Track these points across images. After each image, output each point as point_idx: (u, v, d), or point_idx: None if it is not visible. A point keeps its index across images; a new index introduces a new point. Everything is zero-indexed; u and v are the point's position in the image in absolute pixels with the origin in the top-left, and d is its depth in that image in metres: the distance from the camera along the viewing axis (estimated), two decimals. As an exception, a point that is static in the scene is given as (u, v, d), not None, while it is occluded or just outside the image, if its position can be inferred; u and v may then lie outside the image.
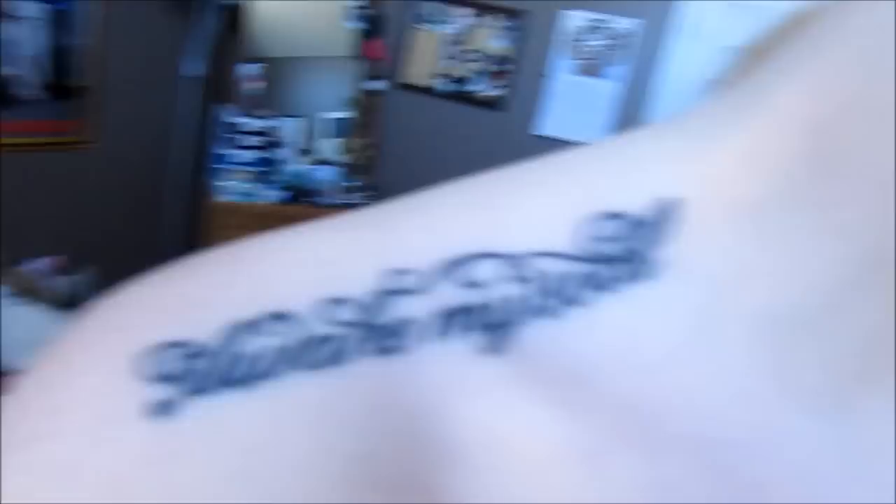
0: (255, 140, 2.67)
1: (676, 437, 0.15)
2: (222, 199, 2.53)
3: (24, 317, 1.88)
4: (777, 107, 0.15)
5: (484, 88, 2.87)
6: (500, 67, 2.84)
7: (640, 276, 0.15)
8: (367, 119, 3.02)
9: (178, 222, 2.79)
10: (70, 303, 2.25)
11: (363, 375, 0.14)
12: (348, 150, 2.99)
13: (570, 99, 2.74)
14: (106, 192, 2.48)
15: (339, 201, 2.74)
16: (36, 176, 2.21)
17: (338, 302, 0.15)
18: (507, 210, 0.16)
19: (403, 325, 0.15)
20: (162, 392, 0.14)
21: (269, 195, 2.64)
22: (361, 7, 2.93)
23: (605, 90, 2.69)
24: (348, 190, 2.83)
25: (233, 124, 2.64)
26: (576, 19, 2.68)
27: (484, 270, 0.15)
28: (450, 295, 0.15)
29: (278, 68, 2.95)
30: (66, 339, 0.15)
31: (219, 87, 2.79)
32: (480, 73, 2.87)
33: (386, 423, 0.14)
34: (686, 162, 0.16)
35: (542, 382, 0.15)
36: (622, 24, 2.64)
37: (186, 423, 0.14)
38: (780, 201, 0.15)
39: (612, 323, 0.15)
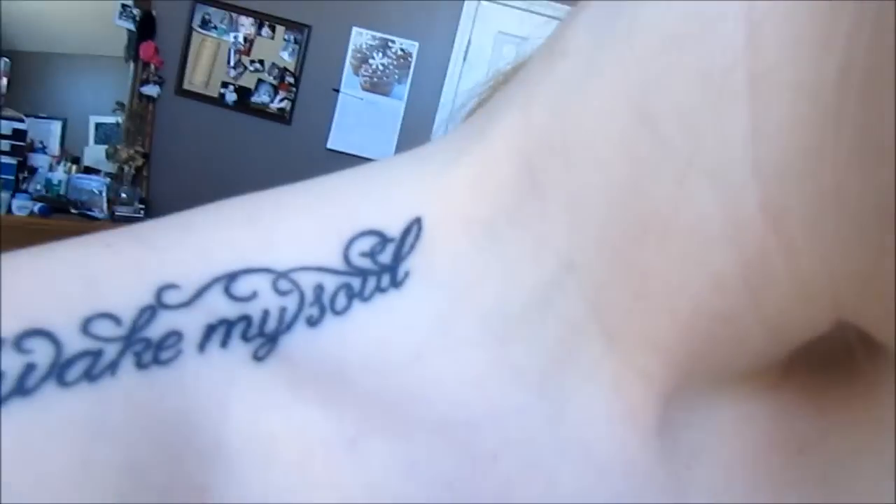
0: (4, 144, 2.35)
1: (423, 421, 0.17)
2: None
3: None
4: (494, 140, 0.18)
5: (268, 100, 2.81)
6: (285, 80, 2.81)
7: (389, 286, 0.17)
8: (138, 125, 2.81)
9: None
10: None
11: (125, 389, 0.15)
12: (117, 159, 2.75)
13: (357, 114, 2.78)
14: None
15: (104, 214, 2.51)
16: None
17: (101, 317, 0.15)
18: (273, 227, 0.17)
19: (171, 338, 0.15)
20: None
21: (21, 206, 2.34)
22: (131, 5, 2.72)
23: (392, 108, 2.77)
24: (115, 202, 2.60)
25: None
26: (362, 37, 2.74)
27: (250, 284, 0.16)
28: (217, 308, 0.16)
29: (32, 64, 2.63)
30: None
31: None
32: (265, 84, 2.81)
33: (152, 433, 0.15)
34: (428, 185, 0.18)
35: (304, 384, 0.16)
36: (405, 44, 2.75)
37: None
38: (497, 219, 0.18)
39: (364, 328, 0.17)
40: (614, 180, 0.16)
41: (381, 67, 2.77)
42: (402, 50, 2.76)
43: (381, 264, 0.17)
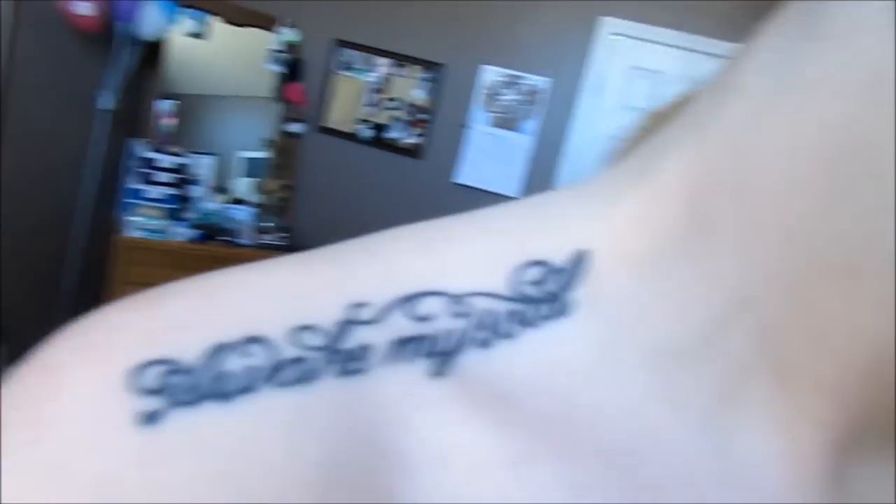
0: (167, 177, 2.61)
1: (588, 447, 0.18)
2: (131, 234, 2.44)
3: None
4: (661, 176, 0.19)
5: (402, 136, 2.94)
6: (418, 116, 2.93)
7: (556, 314, 0.18)
8: (284, 160, 3.02)
9: (87, 255, 2.66)
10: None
11: (328, 393, 0.16)
12: (263, 191, 2.97)
13: (485, 150, 2.85)
14: (10, 220, 2.34)
15: (251, 242, 2.70)
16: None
17: (306, 329, 0.17)
18: (449, 255, 0.19)
19: (362, 351, 0.17)
20: (149, 404, 0.15)
21: (180, 233, 2.58)
22: (283, 51, 2.95)
23: (519, 143, 2.82)
24: (262, 231, 2.80)
25: (146, 159, 2.58)
26: (492, 74, 2.82)
27: (430, 306, 0.18)
28: (401, 326, 0.18)
29: (194, 105, 2.91)
30: (42, 359, 0.16)
31: (133, 122, 2.72)
32: (399, 122, 2.95)
33: (348, 434, 0.16)
34: (593, 220, 0.19)
35: (476, 403, 0.17)
36: (534, 80, 2.79)
37: (170, 431, 0.15)
38: (664, 254, 0.18)
39: (532, 352, 0.18)
40: (792, 218, 0.16)
41: (510, 103, 2.83)
42: (530, 86, 2.81)
43: (548, 293, 0.19)
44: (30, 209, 2.43)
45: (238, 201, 2.94)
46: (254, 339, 0.16)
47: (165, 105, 2.69)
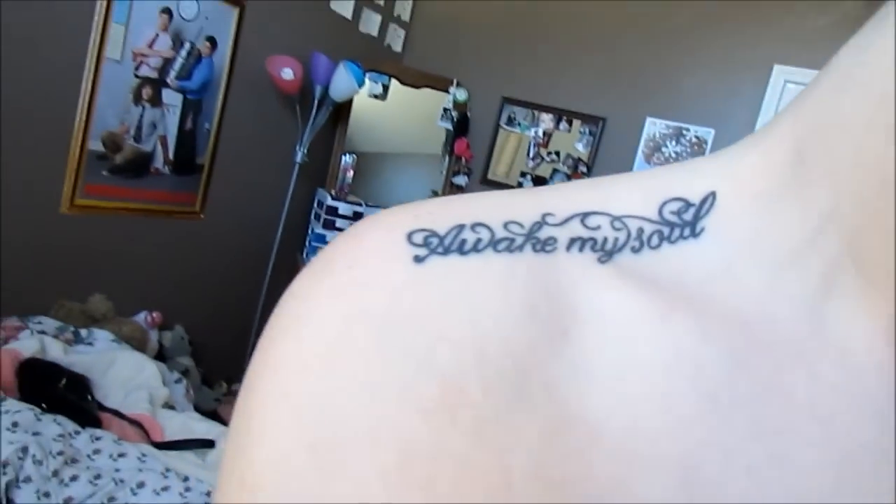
0: (345, 223, 2.88)
1: (714, 312, 0.24)
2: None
3: (125, 360, 2.05)
4: (773, 134, 0.26)
5: (562, 187, 3.00)
6: (579, 169, 2.98)
7: (690, 236, 0.25)
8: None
9: (276, 292, 2.98)
10: (160, 355, 2.42)
11: (527, 259, 0.23)
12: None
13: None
14: (210, 260, 2.70)
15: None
16: (150, 239, 2.48)
17: (513, 223, 0.24)
18: (612, 190, 0.26)
19: (549, 241, 0.24)
20: (419, 251, 0.23)
21: (353, 274, 2.80)
22: (452, 109, 3.17)
23: (682, 194, 2.75)
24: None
25: (329, 207, 2.87)
26: (656, 126, 2.82)
27: (596, 220, 0.25)
28: (577, 230, 0.25)
29: (371, 160, 3.20)
30: (347, 232, 0.24)
31: (320, 174, 3.05)
32: (560, 173, 3.02)
33: (541, 285, 0.23)
34: (721, 171, 0.26)
35: (630, 281, 0.24)
36: (700, 132, 2.75)
37: (431, 268, 0.22)
38: (774, 188, 0.25)
39: (671, 258, 0.25)
40: (865, 155, 0.22)
41: (673, 155, 2.80)
42: (696, 137, 2.77)
43: (684, 220, 0.25)
44: (232, 254, 2.78)
45: (405, 248, 3.13)
46: (480, 224, 0.24)
47: (347, 159, 2.99)
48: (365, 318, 0.21)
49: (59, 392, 1.75)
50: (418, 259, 0.22)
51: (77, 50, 2.04)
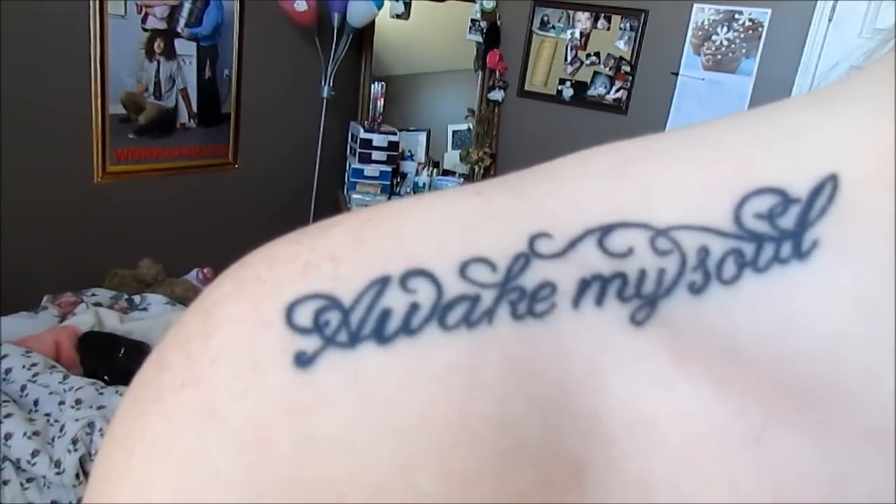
0: (381, 155, 2.79)
1: (851, 425, 0.14)
2: (353, 210, 2.66)
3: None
4: None
5: (604, 92, 2.81)
6: (622, 69, 2.78)
7: (792, 257, 0.15)
8: (486, 128, 3.06)
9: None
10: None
11: (501, 339, 0.14)
12: (468, 161, 3.04)
13: (699, 97, 2.62)
14: (251, 209, 2.68)
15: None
16: (188, 196, 2.45)
17: (477, 262, 0.14)
18: (648, 179, 0.16)
19: (544, 290, 0.14)
20: (301, 343, 0.14)
21: (396, 207, 2.75)
22: (479, 19, 2.97)
23: (737, 85, 2.54)
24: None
25: (363, 140, 2.78)
26: (704, 13, 2.57)
27: (625, 240, 0.15)
28: (592, 262, 0.15)
29: (402, 85, 3.07)
30: (204, 297, 0.15)
31: (350, 106, 2.95)
32: (601, 76, 2.82)
33: (527, 390, 0.14)
34: (846, 135, 0.15)
35: (690, 359, 0.14)
36: (755, 13, 2.49)
37: (325, 376, 0.13)
38: None
39: (759, 303, 0.15)
40: None
41: (725, 43, 2.56)
42: (751, 20, 2.51)
43: (782, 229, 0.15)
44: (272, 200, 2.75)
45: (446, 173, 3.05)
46: (418, 273, 0.14)
47: (376, 87, 2.87)
48: (201, 496, 0.13)
49: (120, 362, 1.79)
50: (301, 360, 0.13)
51: (78, 11, 1.95)
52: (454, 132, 3.17)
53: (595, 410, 0.14)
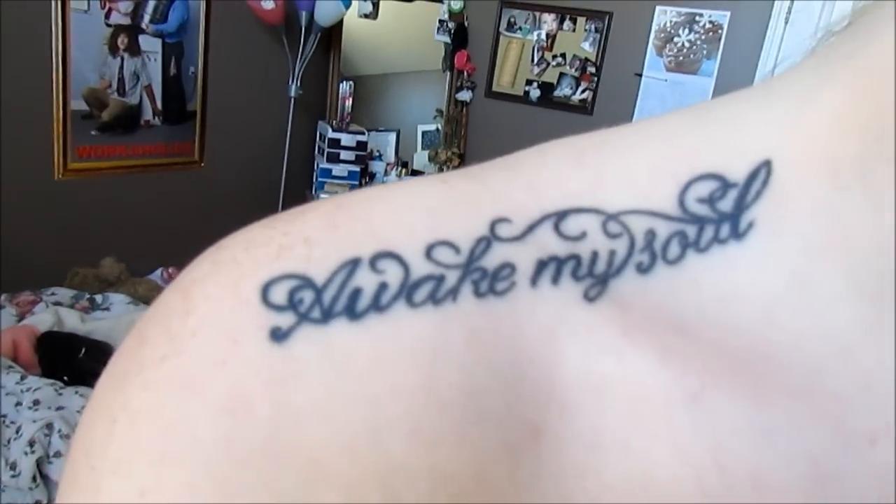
0: (349, 154, 2.78)
1: (779, 386, 0.15)
2: (320, 211, 2.65)
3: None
4: (872, 61, 0.15)
5: (570, 93, 2.85)
6: (588, 70, 2.82)
7: (730, 237, 0.16)
8: (455, 128, 3.08)
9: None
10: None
11: (464, 315, 0.15)
12: (437, 161, 3.05)
13: (662, 97, 2.67)
14: (216, 208, 2.65)
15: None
16: (152, 194, 2.42)
17: (442, 245, 0.16)
18: (601, 167, 0.17)
19: (503, 270, 0.16)
20: (277, 319, 0.14)
21: (364, 206, 2.74)
22: (449, 20, 2.99)
23: (699, 86, 2.60)
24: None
25: (331, 140, 2.77)
26: (666, 15, 2.62)
27: (579, 224, 0.16)
28: (549, 245, 0.16)
29: (371, 85, 3.07)
30: (182, 277, 0.16)
31: (318, 106, 2.94)
32: (568, 77, 2.86)
33: (489, 361, 0.15)
34: (779, 123, 0.16)
35: (638, 331, 0.16)
36: (714, 16, 2.55)
37: (300, 349, 0.14)
38: (873, 153, 0.15)
39: (700, 281, 0.16)
40: None
41: (687, 44, 2.61)
42: (711, 22, 2.57)
43: (721, 212, 0.16)
44: (239, 199, 2.73)
45: (415, 173, 3.05)
46: (387, 255, 0.15)
47: (345, 86, 2.86)
48: (183, 461, 0.13)
49: (81, 362, 1.75)
50: (277, 335, 0.14)
51: (40, 5, 1.92)
52: (423, 132, 3.18)
53: (552, 377, 0.15)
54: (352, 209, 0.16)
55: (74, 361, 1.75)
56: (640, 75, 2.70)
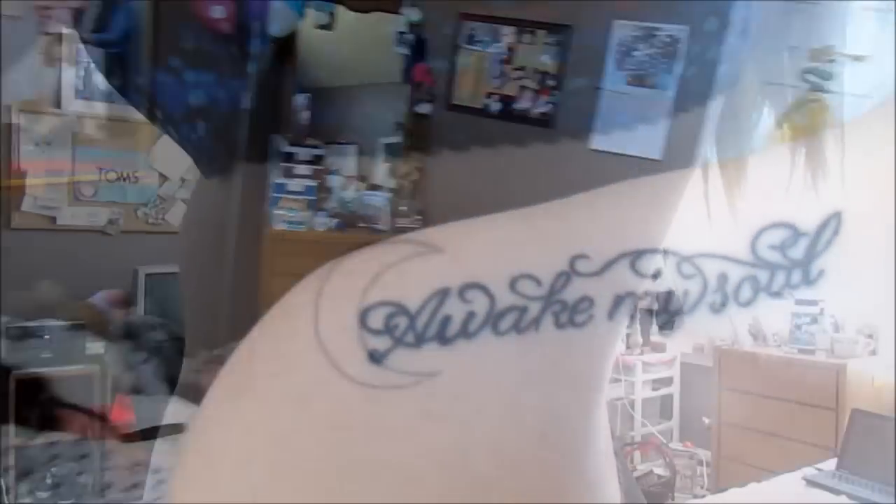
0: (305, 169, 2.73)
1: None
2: (277, 227, 2.59)
3: (82, 349, 1.96)
4: None
5: (531, 105, 2.86)
6: (547, 83, 2.83)
7: (801, 283, 0.17)
8: (414, 142, 3.06)
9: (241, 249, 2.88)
10: (127, 335, 2.33)
11: (543, 342, 0.17)
12: (396, 175, 3.02)
13: (621, 111, 2.69)
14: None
15: (388, 227, 2.77)
16: (97, 212, 2.31)
17: (525, 278, 0.18)
18: (679, 212, 0.19)
19: (582, 303, 0.18)
20: (374, 342, 0.17)
21: (321, 223, 2.69)
22: (408, 32, 2.97)
23: (657, 101, 2.62)
24: (397, 215, 2.87)
25: (285, 154, 2.72)
26: (624, 29, 2.64)
27: (655, 264, 0.18)
28: (624, 281, 0.18)
29: (327, 97, 3.03)
30: (288, 300, 0.18)
31: (273, 119, 2.88)
32: (528, 90, 2.87)
33: (559, 384, 0.17)
34: (853, 175, 0.18)
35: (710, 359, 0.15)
36: (671, 31, 2.58)
37: (395, 369, 0.16)
38: None
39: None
40: None
41: (647, 59, 2.64)
42: (668, 37, 2.59)
43: (792, 259, 0.18)
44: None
45: (374, 187, 3.02)
46: (474, 286, 0.18)
47: (301, 99, 2.81)
48: (292, 470, 0.15)
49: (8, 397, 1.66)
50: (375, 357, 0.17)
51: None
52: (383, 146, 3.15)
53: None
54: (441, 243, 0.19)
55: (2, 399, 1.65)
56: (600, 89, 2.71)
